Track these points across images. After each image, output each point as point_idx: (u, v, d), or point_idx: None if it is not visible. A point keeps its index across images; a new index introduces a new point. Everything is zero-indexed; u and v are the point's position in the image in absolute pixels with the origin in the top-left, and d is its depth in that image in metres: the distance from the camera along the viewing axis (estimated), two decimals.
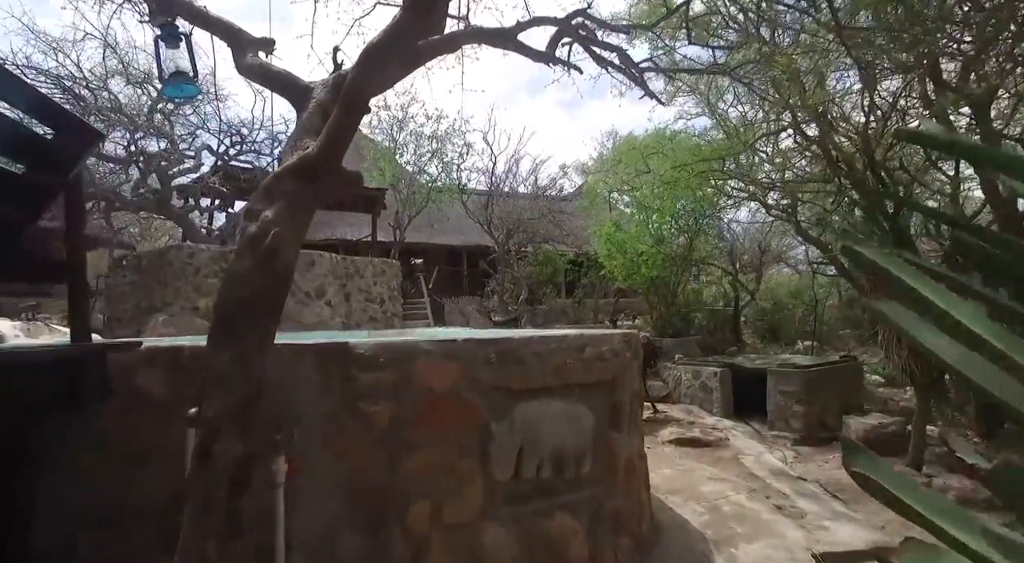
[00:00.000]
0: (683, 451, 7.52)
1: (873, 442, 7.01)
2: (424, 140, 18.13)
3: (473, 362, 3.49)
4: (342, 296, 13.48)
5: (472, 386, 3.47)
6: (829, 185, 8.44)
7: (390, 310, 14.49)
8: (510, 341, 3.62)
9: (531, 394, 3.63)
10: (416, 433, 3.34)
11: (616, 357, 3.94)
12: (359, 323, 13.66)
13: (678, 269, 11.23)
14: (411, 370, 3.37)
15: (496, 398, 3.52)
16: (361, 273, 13.95)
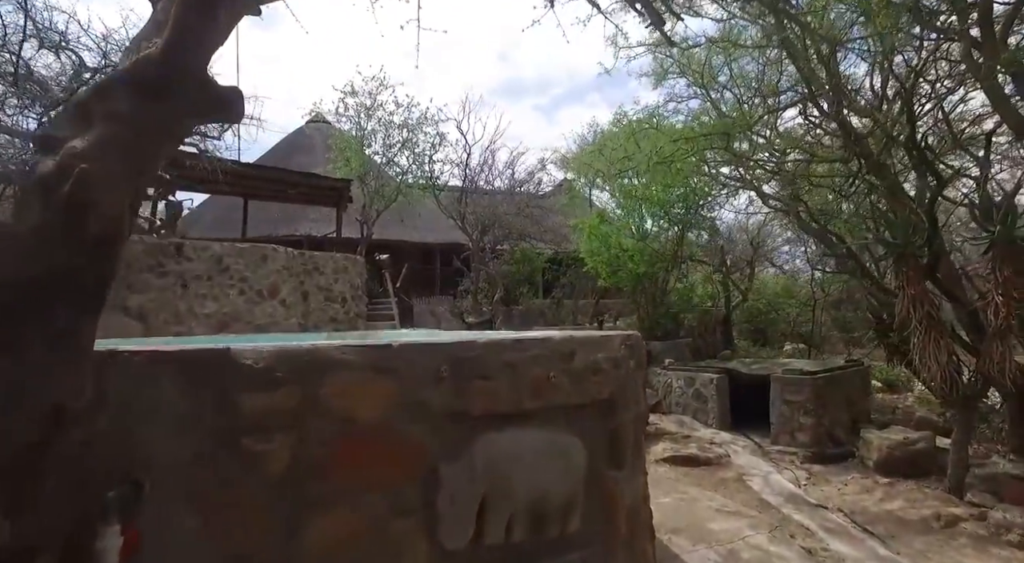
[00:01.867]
0: (681, 472, 6.51)
1: (901, 462, 6.08)
2: (394, 129, 16.94)
3: (416, 378, 2.41)
4: (299, 295, 12.24)
5: (414, 413, 2.39)
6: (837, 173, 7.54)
7: (353, 310, 13.29)
8: (471, 347, 2.55)
9: (500, 422, 2.56)
10: (328, 484, 2.25)
11: (616, 367, 2.88)
12: (318, 324, 12.45)
13: (666, 266, 10.28)
14: (322, 390, 2.28)
15: (449, 429, 2.45)
16: (321, 270, 12.73)
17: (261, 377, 2.23)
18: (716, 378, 8.35)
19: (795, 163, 7.77)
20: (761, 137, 8.11)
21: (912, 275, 5.33)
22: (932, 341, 5.26)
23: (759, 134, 7.92)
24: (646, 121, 8.60)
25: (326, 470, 2.26)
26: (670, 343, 10.14)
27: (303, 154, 22.86)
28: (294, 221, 20.06)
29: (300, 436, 2.24)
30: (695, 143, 7.11)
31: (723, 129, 7.05)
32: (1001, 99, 5.29)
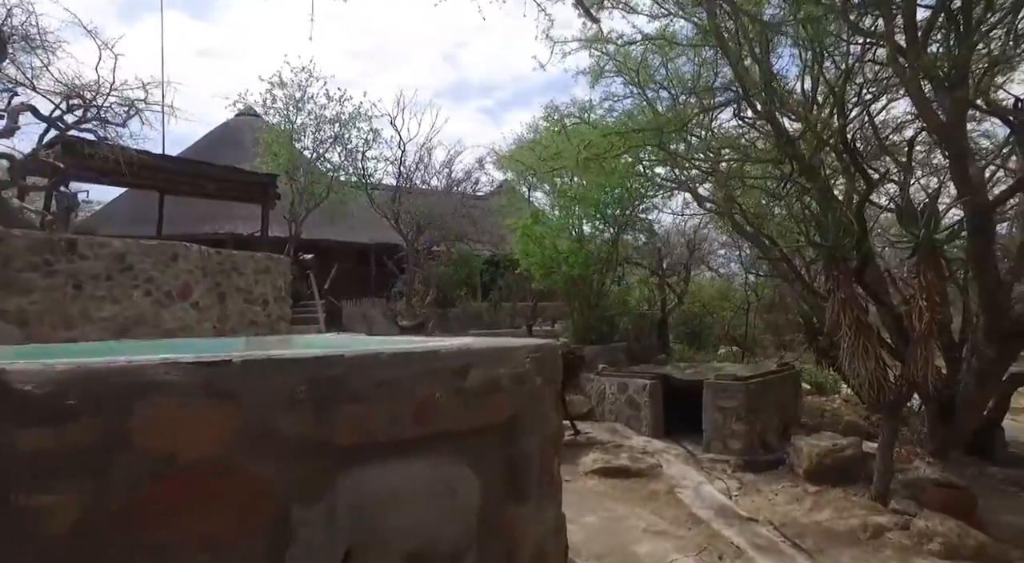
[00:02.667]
0: (610, 485, 6.21)
1: (830, 469, 5.97)
2: (325, 124, 16.14)
3: (264, 402, 1.92)
4: (215, 297, 11.35)
5: (259, 446, 1.89)
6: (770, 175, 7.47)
7: (275, 313, 12.47)
8: (337, 362, 2.09)
9: (373, 453, 2.10)
10: (137, 544, 1.74)
11: (519, 384, 2.48)
12: (236, 328, 11.58)
13: (602, 268, 10.05)
14: (134, 422, 1.76)
15: (305, 465, 1.98)
16: (240, 270, 11.86)
17: (45, 407, 1.68)
18: (649, 384, 8.14)
19: (729, 163, 7.66)
20: (695, 137, 7.96)
21: (842, 278, 5.20)
22: (860, 346, 5.14)
23: (693, 134, 7.77)
24: (577, 116, 8.28)
25: (135, 525, 1.76)
26: (604, 347, 9.91)
27: (231, 149, 21.66)
28: (219, 219, 18.89)
29: (99, 483, 1.73)
30: (627, 139, 6.85)
31: (656, 125, 6.82)
32: (923, 102, 5.24)
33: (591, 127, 7.80)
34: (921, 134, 7.73)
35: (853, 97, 7.57)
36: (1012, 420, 10.44)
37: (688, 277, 12.28)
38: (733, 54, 6.10)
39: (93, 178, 12.17)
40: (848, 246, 5.26)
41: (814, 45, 6.33)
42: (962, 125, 5.25)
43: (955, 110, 5.15)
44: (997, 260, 5.76)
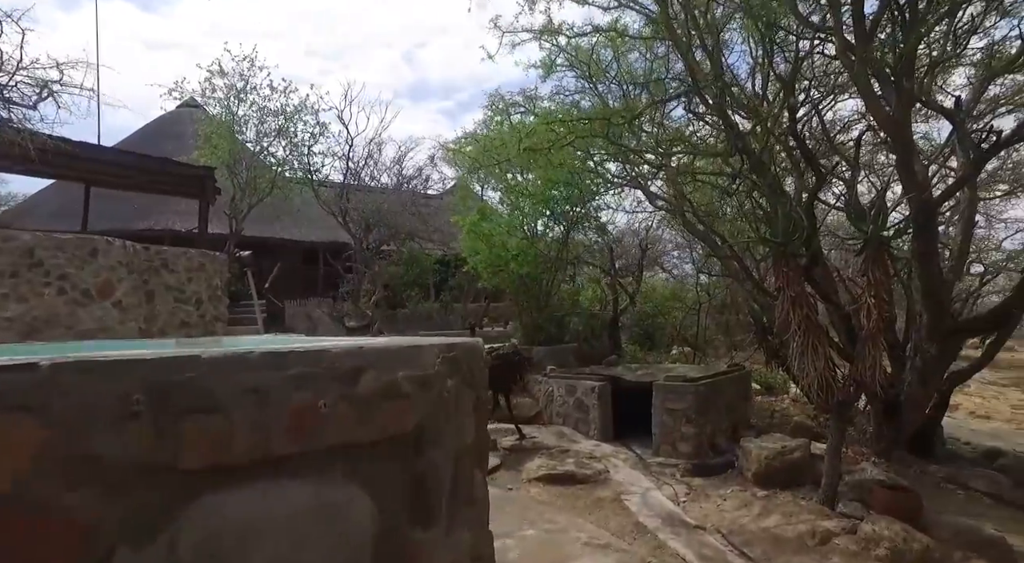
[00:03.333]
0: (555, 493, 5.89)
1: (778, 472, 5.81)
2: (269, 116, 15.40)
3: (83, 416, 1.51)
4: (141, 295, 10.58)
5: (77, 472, 1.49)
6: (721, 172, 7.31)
7: (211, 313, 11.73)
8: (188, 365, 1.69)
9: (232, 477, 1.72)
10: None
11: (425, 388, 2.12)
12: (165, 329, 10.84)
13: (552, 267, 9.77)
14: None
15: (140, 494, 1.59)
16: (171, 267, 11.11)
17: None
18: (598, 386, 7.88)
19: (679, 159, 7.48)
20: (645, 132, 7.75)
21: (792, 276, 5.03)
22: (810, 346, 4.98)
23: (644, 129, 7.55)
24: (523, 105, 7.93)
25: None
26: (553, 348, 9.62)
27: (171, 140, 20.59)
28: (155, 214, 17.87)
29: None
30: (572, 129, 6.56)
31: (603, 115, 6.56)
32: (871, 96, 5.13)
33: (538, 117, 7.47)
34: (868, 134, 7.77)
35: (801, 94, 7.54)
36: (948, 417, 10.69)
37: (640, 277, 12.14)
38: (683, 45, 5.90)
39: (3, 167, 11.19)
40: (798, 243, 5.10)
41: (764, 39, 6.19)
42: (908, 120, 5.16)
43: (902, 104, 5.05)
44: (940, 259, 5.71)
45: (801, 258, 5.20)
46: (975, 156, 5.02)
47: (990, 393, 13.28)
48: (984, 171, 6.95)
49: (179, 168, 13.51)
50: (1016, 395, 13.14)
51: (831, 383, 4.97)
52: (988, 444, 8.10)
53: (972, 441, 8.31)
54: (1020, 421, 10.45)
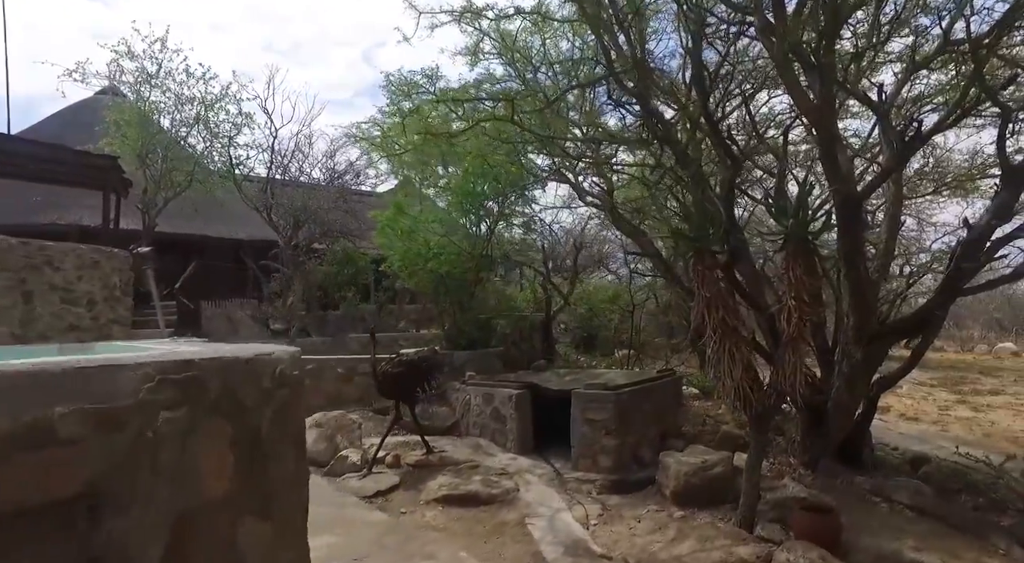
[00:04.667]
0: (453, 516, 5.27)
1: (697, 490, 5.34)
2: (185, 103, 14.31)
3: None
4: (17, 296, 9.49)
5: None
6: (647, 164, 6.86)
7: (107, 315, 10.65)
8: None
9: None
10: None
11: (109, 429, 1.46)
12: (47, 334, 9.74)
13: (476, 266, 9.14)
14: None
15: None
16: (56, 265, 10.01)
17: None
18: (515, 394, 7.29)
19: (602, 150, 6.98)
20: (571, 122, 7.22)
21: (707, 274, 4.55)
22: (727, 352, 4.50)
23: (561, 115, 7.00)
24: (421, 83, 7.21)
25: None
26: (477, 353, 9.01)
27: (85, 130, 19.06)
28: (60, 208, 16.40)
29: None
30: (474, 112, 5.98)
31: (504, 96, 5.99)
32: (793, 81, 4.71)
33: (425, 90, 6.79)
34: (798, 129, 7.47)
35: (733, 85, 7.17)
36: (879, 420, 10.55)
37: (575, 277, 11.66)
38: (596, 23, 5.38)
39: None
40: (714, 238, 4.63)
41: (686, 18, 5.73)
42: (832, 108, 4.76)
43: (825, 90, 4.64)
44: (866, 258, 5.36)
45: (719, 255, 4.73)
46: (898, 148, 4.66)
47: (920, 394, 13.35)
48: (911, 168, 6.74)
49: (77, 157, 12.29)
50: (943, 395, 13.24)
51: (749, 392, 4.51)
52: (915, 448, 7.89)
53: (901, 445, 8.10)
54: (945, 422, 10.40)
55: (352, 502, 5.47)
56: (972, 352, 25.20)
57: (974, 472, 6.08)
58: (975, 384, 15.17)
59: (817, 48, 4.73)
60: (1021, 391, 13.91)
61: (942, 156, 7.37)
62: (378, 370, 6.36)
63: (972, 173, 7.19)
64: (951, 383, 15.21)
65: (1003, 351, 23.94)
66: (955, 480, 6.10)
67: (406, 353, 7.06)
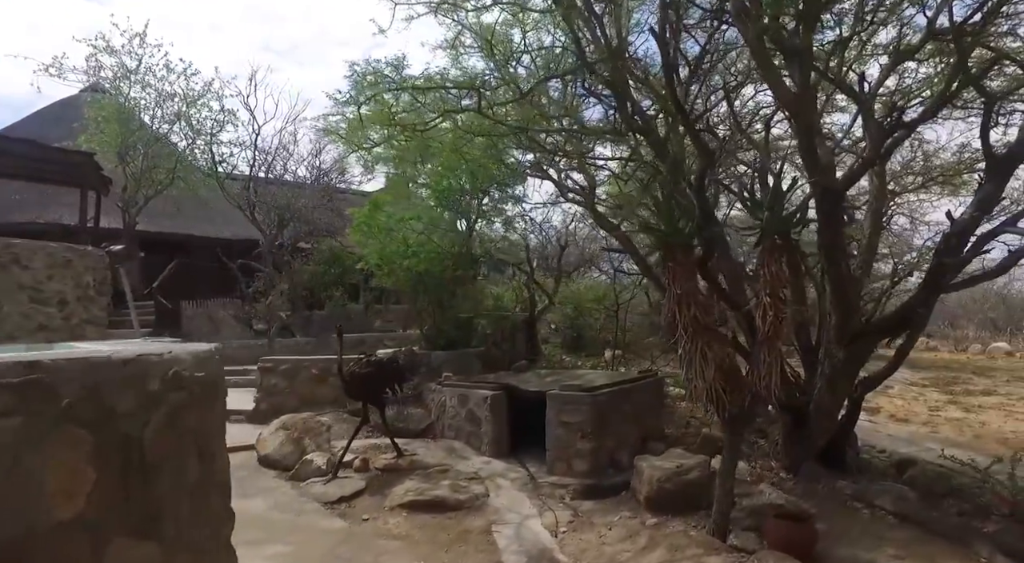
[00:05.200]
0: (417, 524, 5.05)
1: (672, 496, 5.12)
2: (167, 99, 14.06)
3: None
4: None
5: None
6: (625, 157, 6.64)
7: (79, 315, 10.38)
8: None
9: None
10: None
11: None
12: (15, 334, 9.46)
13: (453, 264, 8.91)
14: None
15: None
16: (24, 263, 9.75)
17: None
18: (490, 396, 7.07)
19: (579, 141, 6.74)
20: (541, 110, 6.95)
21: (678, 270, 4.34)
22: (698, 352, 4.29)
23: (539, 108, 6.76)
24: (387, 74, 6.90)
25: None
26: (456, 353, 8.78)
27: (68, 129, 18.80)
28: (41, 206, 16.13)
29: None
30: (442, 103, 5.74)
31: (469, 85, 5.76)
32: (770, 68, 4.51)
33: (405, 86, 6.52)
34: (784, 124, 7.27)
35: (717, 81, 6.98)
36: (868, 421, 10.36)
37: (560, 276, 11.44)
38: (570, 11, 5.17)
39: None
40: (686, 231, 4.41)
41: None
42: (811, 97, 4.55)
43: (803, 78, 4.44)
44: (848, 254, 5.16)
45: (692, 250, 4.52)
46: (878, 137, 4.45)
47: (911, 394, 13.17)
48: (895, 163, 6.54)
49: (51, 153, 12.01)
50: (935, 396, 13.06)
51: (722, 395, 4.30)
52: (903, 451, 7.71)
53: (888, 448, 7.90)
54: (935, 424, 10.21)
55: (312, 508, 5.26)
56: (966, 352, 25.07)
57: (959, 476, 5.88)
58: (967, 384, 15.00)
59: (796, 33, 4.52)
60: (1014, 391, 13.72)
61: (931, 151, 7.19)
62: (344, 371, 6.14)
63: (960, 168, 7.00)
64: (943, 383, 15.04)
65: (997, 351, 23.80)
66: (941, 484, 5.89)
67: (382, 353, 6.85)
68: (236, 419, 8.34)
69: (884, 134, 4.37)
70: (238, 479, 6.09)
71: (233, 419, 8.41)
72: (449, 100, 5.78)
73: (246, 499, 5.45)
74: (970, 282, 4.89)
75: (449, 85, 5.90)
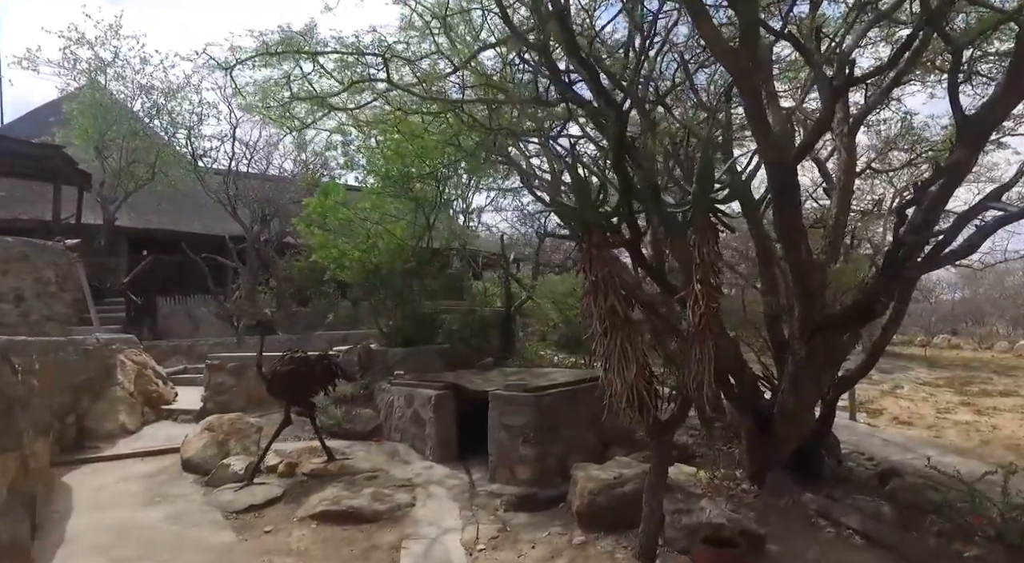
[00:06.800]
0: (323, 536, 4.56)
1: (605, 511, 4.54)
2: (143, 92, 13.76)
3: None
4: None
5: None
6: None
7: (39, 312, 10.10)
8: None
9: None
10: None
11: None
12: None
13: (413, 257, 8.35)
14: None
15: None
16: None
17: None
18: (434, 395, 6.55)
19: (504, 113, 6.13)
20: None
21: (594, 254, 3.76)
22: (617, 348, 3.71)
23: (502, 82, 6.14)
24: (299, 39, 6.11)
25: None
26: (414, 350, 8.25)
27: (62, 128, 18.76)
28: (24, 202, 16.02)
29: None
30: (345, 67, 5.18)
31: (379, 52, 5.15)
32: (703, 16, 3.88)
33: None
34: None
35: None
36: (868, 424, 9.61)
37: (537, 270, 10.85)
38: None
39: None
40: (595, 210, 3.82)
41: None
42: (752, 52, 3.90)
43: (745, 28, 3.81)
44: (806, 235, 4.51)
45: (613, 231, 3.94)
46: (829, 95, 3.81)
47: (921, 395, 12.32)
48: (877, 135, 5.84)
49: (18, 147, 11.79)
50: (947, 397, 12.19)
51: (644, 397, 3.71)
52: (895, 458, 7.00)
53: (879, 455, 7.19)
54: (940, 427, 9.41)
55: (210, 520, 4.79)
56: (991, 350, 23.84)
57: (947, 489, 5.20)
58: (985, 384, 14.06)
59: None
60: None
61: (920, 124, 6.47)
62: (265, 369, 5.67)
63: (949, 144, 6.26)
64: (958, 383, 14.12)
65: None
66: (925, 499, 5.22)
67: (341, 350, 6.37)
68: (183, 419, 7.97)
69: (836, 91, 3.73)
70: (152, 485, 5.72)
71: (180, 419, 8.06)
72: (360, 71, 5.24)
73: (147, 508, 5.04)
74: (935, 263, 4.20)
75: (345, 50, 5.32)
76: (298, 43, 5.19)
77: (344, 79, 5.30)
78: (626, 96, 4.13)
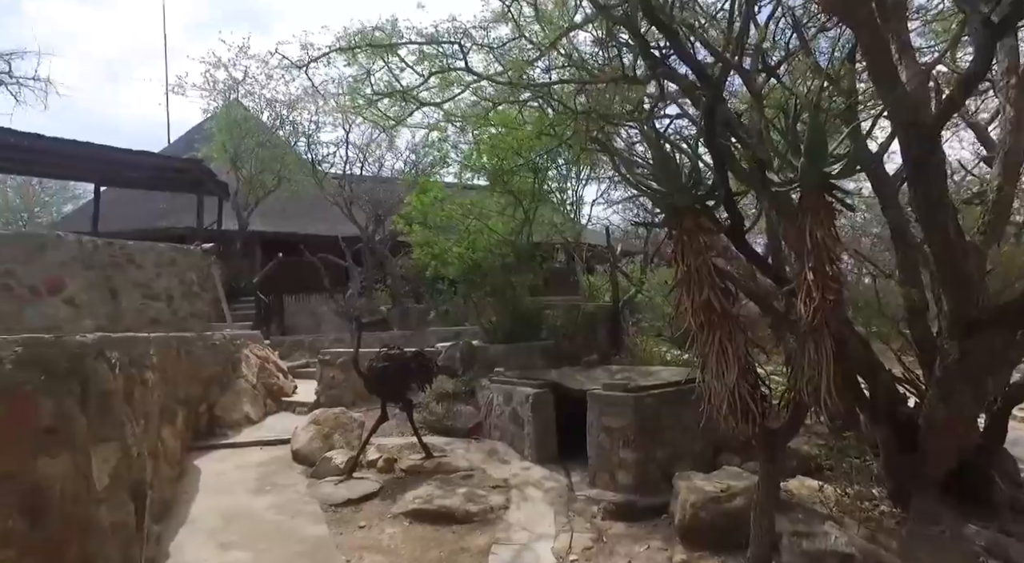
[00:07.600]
0: (414, 536, 4.53)
1: (710, 527, 4.10)
2: (270, 106, 14.90)
3: None
4: (105, 292, 10.23)
5: None
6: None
7: (185, 309, 11.22)
8: None
9: None
10: None
11: None
12: (132, 328, 10.41)
13: (516, 253, 8.19)
14: None
15: None
16: (138, 263, 10.69)
17: None
18: (532, 394, 6.35)
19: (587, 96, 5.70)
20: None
21: (687, 242, 3.35)
22: (716, 347, 3.28)
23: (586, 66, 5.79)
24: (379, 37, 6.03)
25: None
26: (516, 347, 8.10)
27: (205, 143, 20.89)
28: (177, 212, 18.00)
29: None
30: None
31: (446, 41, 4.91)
32: None
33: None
34: None
35: None
36: None
37: (647, 263, 10.29)
38: None
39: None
40: (697, 192, 3.39)
41: None
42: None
43: None
44: (955, 212, 3.75)
45: (708, 214, 3.49)
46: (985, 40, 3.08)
47: None
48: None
49: (163, 162, 13.19)
50: None
51: (750, 402, 3.25)
52: None
53: None
54: None
55: (311, 511, 4.93)
56: None
57: None
58: None
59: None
60: None
61: None
62: (363, 366, 5.78)
63: None
64: None
65: None
66: None
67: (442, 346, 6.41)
68: (300, 411, 8.44)
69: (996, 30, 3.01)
70: (264, 473, 6.05)
71: (298, 411, 8.54)
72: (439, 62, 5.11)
73: (257, 496, 5.31)
74: None
75: (420, 41, 5.18)
76: (380, 38, 5.21)
77: (423, 71, 5.24)
78: (721, 62, 3.65)
